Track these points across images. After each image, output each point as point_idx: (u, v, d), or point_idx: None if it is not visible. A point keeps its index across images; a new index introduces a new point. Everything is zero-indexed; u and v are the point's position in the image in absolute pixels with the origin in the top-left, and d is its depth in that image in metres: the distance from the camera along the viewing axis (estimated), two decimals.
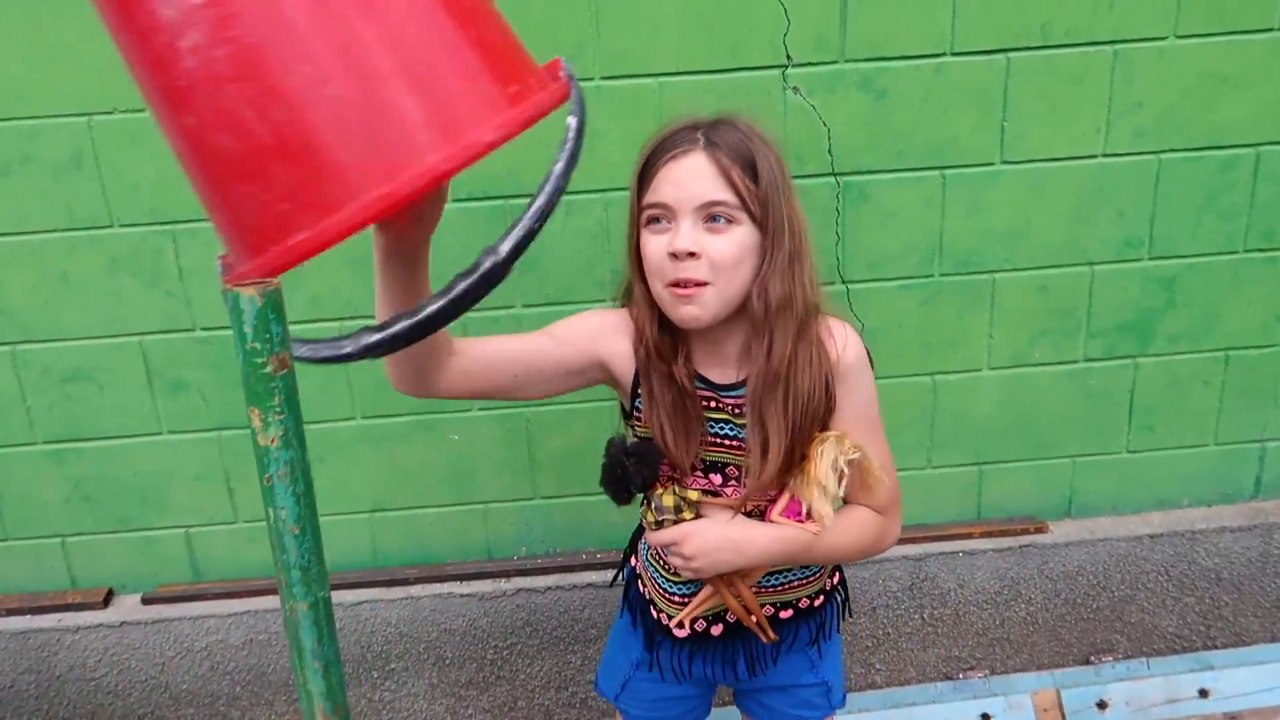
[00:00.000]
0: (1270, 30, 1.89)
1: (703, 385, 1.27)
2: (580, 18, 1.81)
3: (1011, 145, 1.93)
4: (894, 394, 2.05)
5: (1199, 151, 1.97)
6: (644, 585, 1.42)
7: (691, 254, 1.15)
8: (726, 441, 1.26)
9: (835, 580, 1.43)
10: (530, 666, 2.16)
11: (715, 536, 1.20)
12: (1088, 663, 2.23)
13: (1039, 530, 2.17)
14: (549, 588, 2.11)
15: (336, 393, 2.02)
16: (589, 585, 2.12)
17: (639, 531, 1.48)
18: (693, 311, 1.17)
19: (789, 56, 1.85)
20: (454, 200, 1.90)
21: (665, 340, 1.23)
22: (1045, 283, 2.03)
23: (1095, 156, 1.96)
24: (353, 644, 2.11)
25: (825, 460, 1.17)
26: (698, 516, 1.25)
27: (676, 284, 1.17)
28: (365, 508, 2.12)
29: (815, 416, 1.21)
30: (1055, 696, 2.17)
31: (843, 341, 1.25)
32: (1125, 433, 2.16)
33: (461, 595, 2.11)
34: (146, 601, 2.12)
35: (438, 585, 2.12)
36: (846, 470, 1.18)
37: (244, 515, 2.11)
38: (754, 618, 1.29)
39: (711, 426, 1.25)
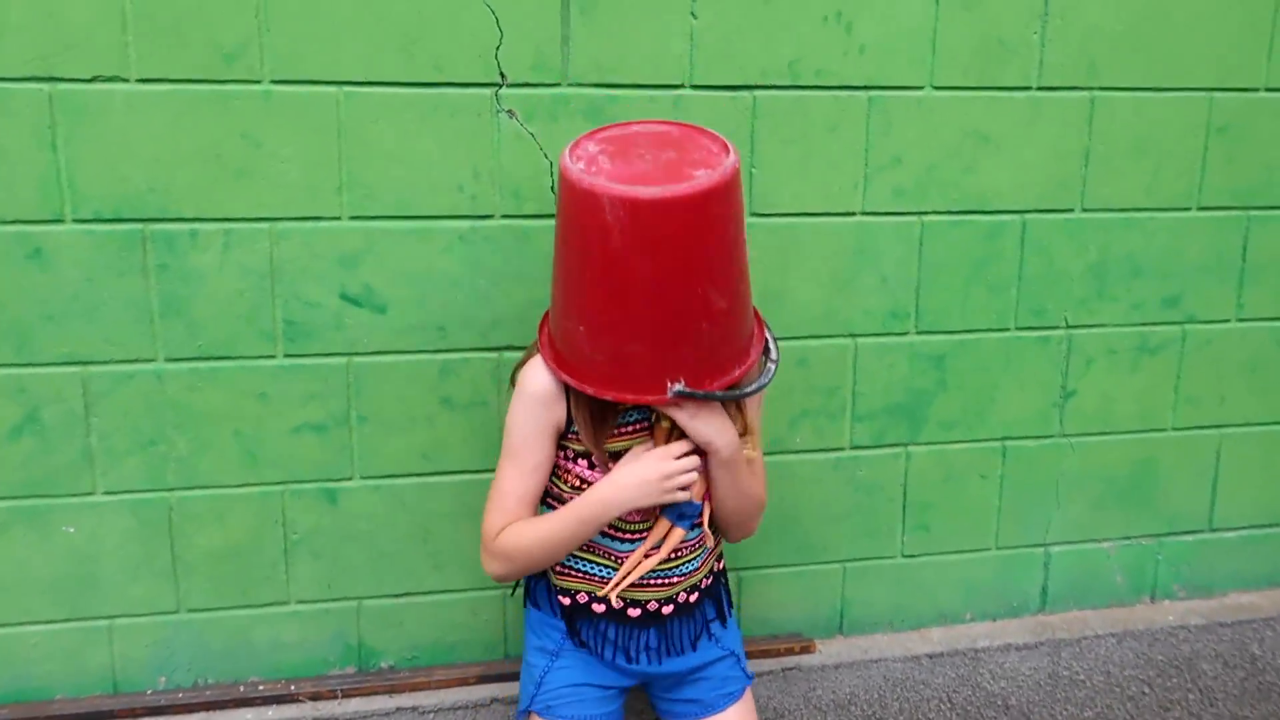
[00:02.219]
0: (1028, 89, 1.76)
1: None
2: (243, 7, 1.48)
3: (762, 196, 1.70)
4: None
5: (963, 215, 1.79)
6: (563, 580, 1.50)
7: None
8: (633, 426, 1.43)
9: (720, 566, 1.57)
10: None
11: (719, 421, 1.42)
12: None
13: (805, 650, 1.85)
14: None
15: None
16: None
17: None
18: None
19: (502, 75, 1.58)
20: (77, 222, 1.51)
21: None
22: (805, 355, 1.78)
23: (854, 214, 1.75)
24: None
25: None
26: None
27: None
28: None
29: None
30: None
31: None
32: (899, 533, 1.90)
33: None
34: None
35: None
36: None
37: None
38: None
39: (624, 417, 1.44)
